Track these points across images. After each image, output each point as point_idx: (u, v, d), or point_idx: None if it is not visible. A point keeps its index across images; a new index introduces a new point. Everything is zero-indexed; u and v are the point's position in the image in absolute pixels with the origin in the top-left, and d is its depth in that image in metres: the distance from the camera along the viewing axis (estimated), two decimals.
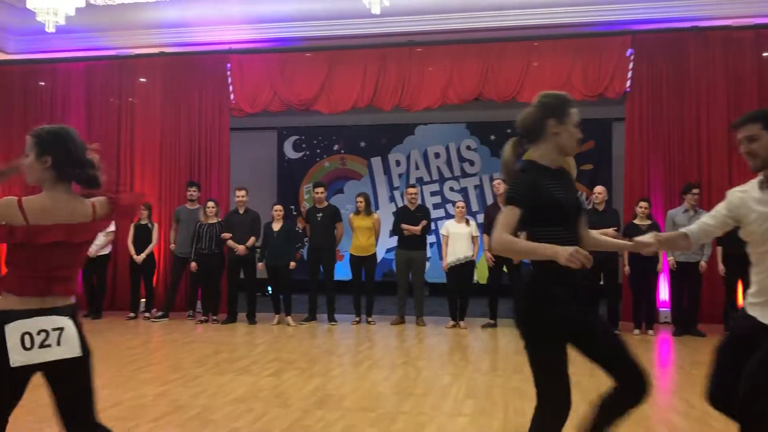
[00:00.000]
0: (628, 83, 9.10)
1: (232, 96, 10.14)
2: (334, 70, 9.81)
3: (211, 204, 9.19)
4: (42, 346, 2.50)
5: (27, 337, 2.48)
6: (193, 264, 9.06)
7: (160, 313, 9.25)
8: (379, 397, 5.21)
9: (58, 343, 2.54)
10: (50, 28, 8.36)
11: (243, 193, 9.25)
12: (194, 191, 9.48)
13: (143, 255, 9.30)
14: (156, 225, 9.60)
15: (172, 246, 9.43)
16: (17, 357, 2.45)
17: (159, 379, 5.69)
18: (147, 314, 9.39)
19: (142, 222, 9.43)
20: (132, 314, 9.35)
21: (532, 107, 2.79)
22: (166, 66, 10.26)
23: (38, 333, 2.50)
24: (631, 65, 9.10)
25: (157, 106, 10.31)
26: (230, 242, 8.98)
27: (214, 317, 9.10)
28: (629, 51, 9.09)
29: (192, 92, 10.22)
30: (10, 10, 9.71)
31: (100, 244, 9.19)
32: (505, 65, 9.40)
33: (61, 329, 2.55)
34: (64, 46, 10.29)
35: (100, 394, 5.08)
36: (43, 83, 10.69)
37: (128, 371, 5.98)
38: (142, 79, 10.41)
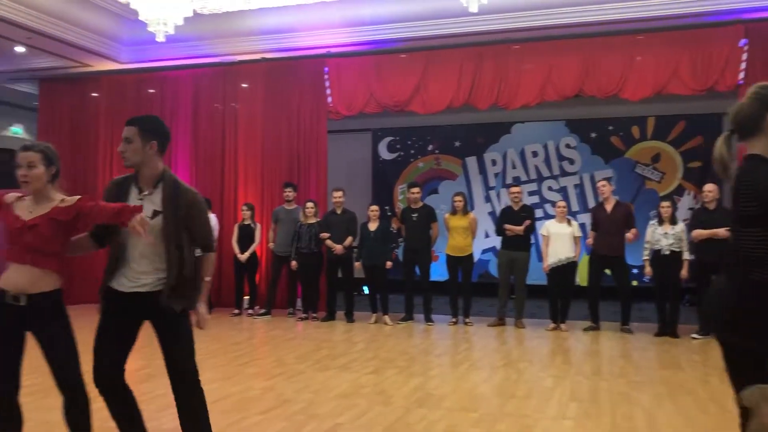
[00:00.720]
0: (742, 75, 8.62)
1: (329, 99, 10.34)
2: (429, 70, 9.82)
3: (310, 204, 9.40)
4: None
5: None
6: (294, 263, 9.29)
7: (262, 311, 9.55)
8: (481, 398, 5.16)
9: None
10: (160, 38, 8.78)
11: (340, 193, 9.41)
12: (290, 192, 9.71)
13: (247, 254, 9.63)
14: (259, 225, 9.92)
15: (271, 245, 9.71)
16: None
17: (265, 374, 5.87)
18: (250, 311, 9.71)
19: (246, 222, 9.76)
20: (236, 311, 9.69)
21: (747, 100, 2.53)
22: (267, 71, 10.58)
23: None
24: (744, 56, 8.61)
25: (258, 111, 10.65)
26: (328, 242, 9.15)
27: (314, 315, 9.30)
28: (742, 41, 8.61)
29: (291, 96, 10.50)
30: (124, 22, 10.28)
31: None
32: (607, 60, 9.12)
33: None
34: (172, 54, 10.78)
35: (210, 388, 5.31)
36: (152, 91, 11.26)
37: (235, 366, 6.20)
38: (244, 85, 10.78)
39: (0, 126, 13.53)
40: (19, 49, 10.20)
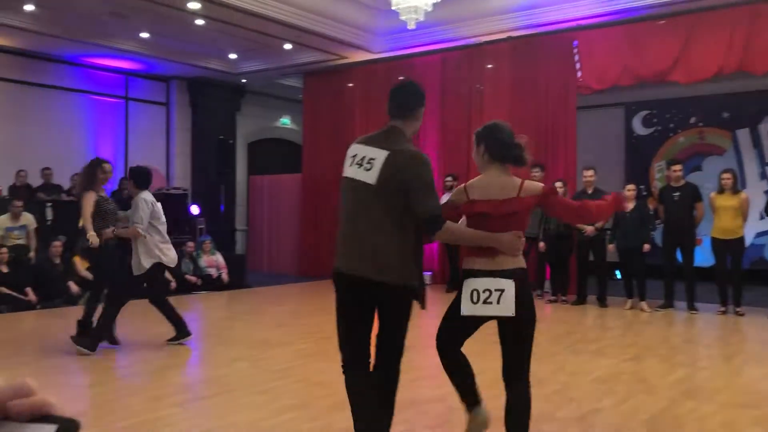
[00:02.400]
0: None
1: (579, 74, 9.92)
2: (693, 36, 8.94)
3: (558, 184, 9.08)
4: (485, 302, 3.00)
5: (475, 293, 3.02)
6: (542, 244, 9.10)
7: None
8: (761, 395, 4.61)
9: (498, 302, 2.98)
10: (411, 26, 9.09)
11: (591, 172, 8.99)
12: (537, 172, 9.50)
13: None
14: None
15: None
16: (465, 308, 3.04)
17: None
18: None
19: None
20: None
21: None
22: (513, 50, 10.46)
23: (483, 291, 3.00)
24: None
25: (504, 90, 10.58)
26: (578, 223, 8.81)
27: (563, 298, 9.04)
28: None
29: (538, 73, 10.26)
30: (378, 13, 10.82)
31: None
32: None
33: (502, 290, 2.97)
34: (421, 41, 11.13)
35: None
36: (402, 78, 11.71)
37: (487, 343, 6.22)
38: (489, 66, 10.77)
39: (271, 117, 15.11)
40: (287, 46, 11.24)
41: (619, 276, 9.70)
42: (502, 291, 2.98)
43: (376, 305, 3.06)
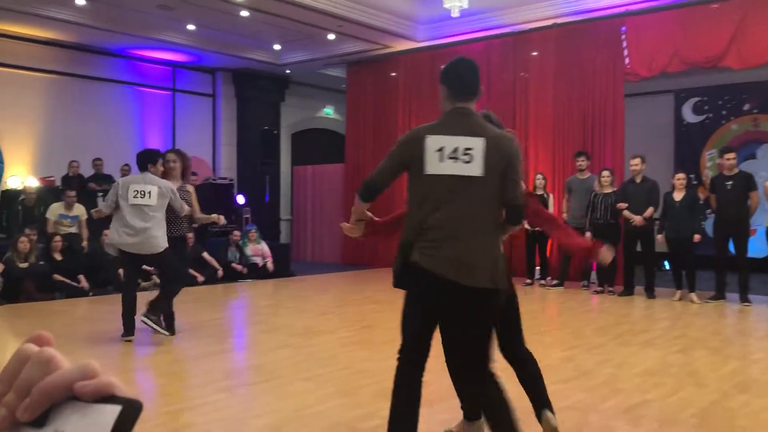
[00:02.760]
0: None
1: (626, 60, 9.71)
2: (747, 19, 8.66)
3: (606, 173, 8.96)
4: None
5: None
6: (588, 234, 8.95)
7: (555, 282, 9.40)
8: None
9: None
10: (455, 13, 9.03)
11: (638, 161, 8.79)
12: (583, 161, 9.35)
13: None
14: (551, 195, 9.75)
15: (565, 215, 9.47)
16: None
17: (562, 344, 5.76)
18: (542, 282, 9.62)
19: (538, 192, 9.65)
20: (528, 281, 9.69)
21: None
22: (558, 37, 10.29)
23: None
24: None
25: (549, 78, 10.43)
26: (626, 212, 8.64)
27: (610, 289, 8.89)
28: None
29: (585, 60, 10.08)
30: (420, 2, 10.75)
31: None
32: None
33: None
34: (464, 29, 11.03)
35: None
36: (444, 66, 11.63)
37: (530, 334, 6.14)
38: (534, 53, 10.62)
39: (315, 108, 15.19)
40: (331, 36, 11.27)
41: (667, 267, 9.49)
42: None
43: (463, 310, 2.77)
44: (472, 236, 2.72)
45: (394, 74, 12.33)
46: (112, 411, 0.43)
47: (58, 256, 8.65)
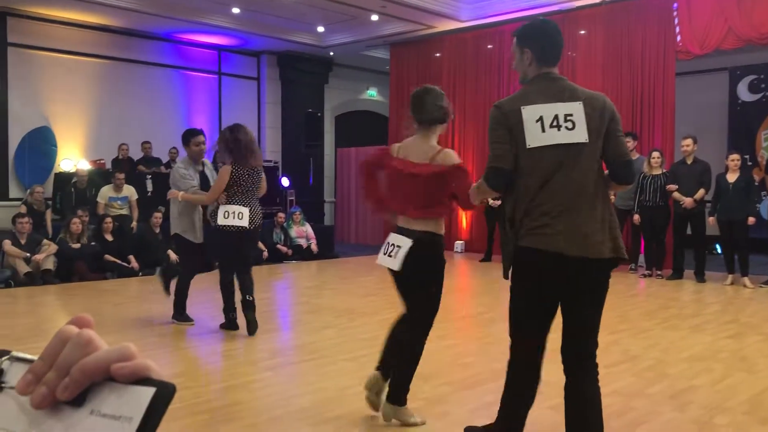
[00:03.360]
0: None
1: (678, 38, 9.42)
2: None
3: (656, 154, 8.74)
4: (387, 254, 3.33)
5: (385, 245, 3.38)
6: (636, 216, 8.78)
7: None
8: None
9: (391, 256, 3.29)
10: None
11: (689, 141, 8.55)
12: (629, 142, 9.13)
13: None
14: None
15: (612, 198, 9.29)
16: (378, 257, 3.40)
17: (608, 328, 5.65)
18: None
19: None
20: None
21: None
22: (607, 14, 10.04)
23: (390, 245, 3.34)
24: None
25: (597, 57, 10.20)
26: (676, 194, 8.43)
27: (659, 272, 8.71)
28: None
29: (634, 38, 9.82)
30: None
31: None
32: None
33: (399, 247, 3.26)
34: (509, 8, 10.84)
35: (551, 337, 5.31)
36: (490, 46, 11.50)
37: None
38: (582, 32, 10.38)
39: (358, 90, 15.19)
40: (374, 17, 11.21)
41: (719, 250, 9.25)
42: (399, 248, 3.25)
43: (588, 286, 2.62)
44: (588, 206, 2.55)
45: (438, 55, 12.22)
46: (147, 393, 0.44)
47: (108, 237, 8.89)
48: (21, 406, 0.47)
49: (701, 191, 8.31)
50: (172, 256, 9.11)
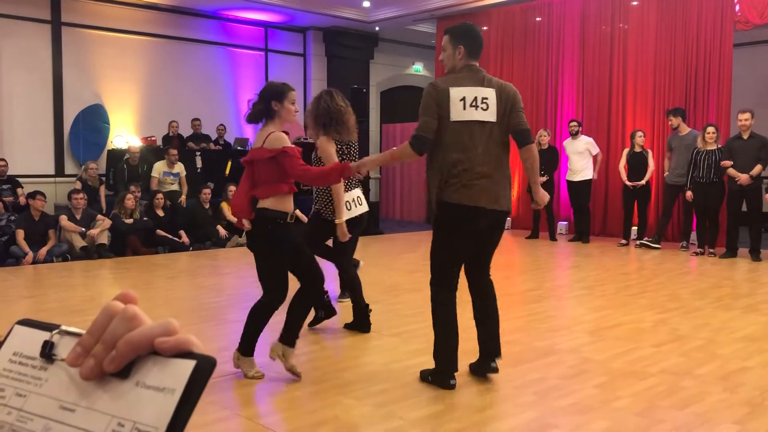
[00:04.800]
0: None
1: (737, 7, 9.07)
2: None
3: (710, 129, 8.48)
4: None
5: None
6: (689, 193, 8.56)
7: (649, 240, 9.08)
8: None
9: None
10: None
11: (747, 116, 8.25)
12: (673, 118, 8.90)
13: (643, 182, 9.15)
14: (650, 152, 9.35)
15: (666, 174, 9.09)
16: None
17: (657, 307, 5.58)
18: (639, 242, 9.29)
19: (636, 150, 9.27)
20: (623, 241, 9.38)
21: None
22: None
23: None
24: None
25: (650, 29, 9.90)
26: (731, 170, 8.17)
27: (711, 250, 8.49)
28: None
29: (689, 8, 9.49)
30: None
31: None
32: None
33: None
34: None
35: (600, 315, 5.25)
36: (539, 19, 11.26)
37: (625, 296, 6.02)
38: (634, 2, 10.09)
39: (404, 64, 15.08)
40: None
41: None
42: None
43: (494, 230, 3.53)
44: (496, 172, 3.37)
45: (485, 28, 12.02)
46: (188, 365, 0.46)
47: (160, 213, 9.10)
48: (71, 377, 0.49)
49: (758, 167, 8.03)
50: (221, 231, 9.29)
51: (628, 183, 9.24)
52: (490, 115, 3.34)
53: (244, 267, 6.12)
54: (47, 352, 0.51)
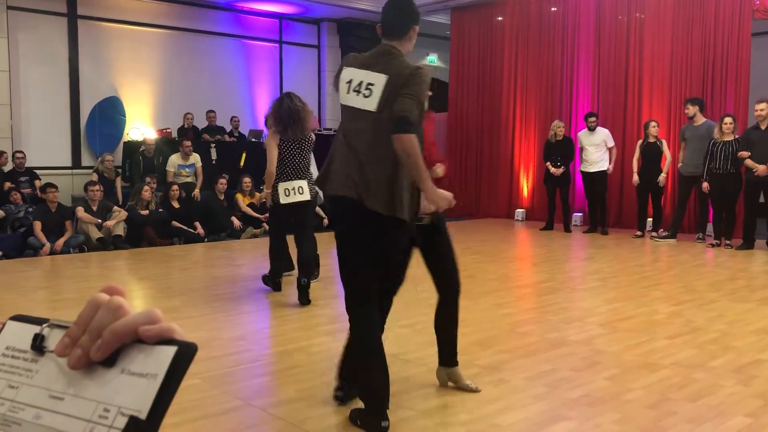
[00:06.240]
0: None
1: None
2: None
3: (727, 119, 8.38)
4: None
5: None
6: (705, 184, 8.48)
7: (665, 233, 9.01)
8: None
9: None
10: None
11: (764, 105, 8.15)
12: (690, 107, 8.80)
13: (663, 175, 9.09)
14: (664, 142, 9.26)
15: (680, 165, 9.00)
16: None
17: (671, 299, 5.55)
18: (654, 234, 9.23)
19: (650, 140, 9.20)
20: (638, 233, 9.32)
21: None
22: None
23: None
24: None
25: (667, 18, 9.79)
26: (749, 161, 8.08)
27: (727, 242, 8.42)
28: None
29: None
30: None
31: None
32: None
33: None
34: None
35: (613, 307, 5.23)
36: (554, 9, 11.17)
37: (638, 288, 5.99)
38: None
39: (417, 56, 15.01)
40: None
41: None
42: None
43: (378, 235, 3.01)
44: (373, 164, 2.84)
45: (500, 18, 11.97)
46: (170, 351, 0.48)
47: (175, 204, 9.17)
48: (60, 367, 0.51)
49: None
50: (236, 222, 9.35)
51: (635, 181, 9.16)
52: (370, 104, 2.86)
53: (259, 258, 6.17)
54: (38, 344, 0.53)
